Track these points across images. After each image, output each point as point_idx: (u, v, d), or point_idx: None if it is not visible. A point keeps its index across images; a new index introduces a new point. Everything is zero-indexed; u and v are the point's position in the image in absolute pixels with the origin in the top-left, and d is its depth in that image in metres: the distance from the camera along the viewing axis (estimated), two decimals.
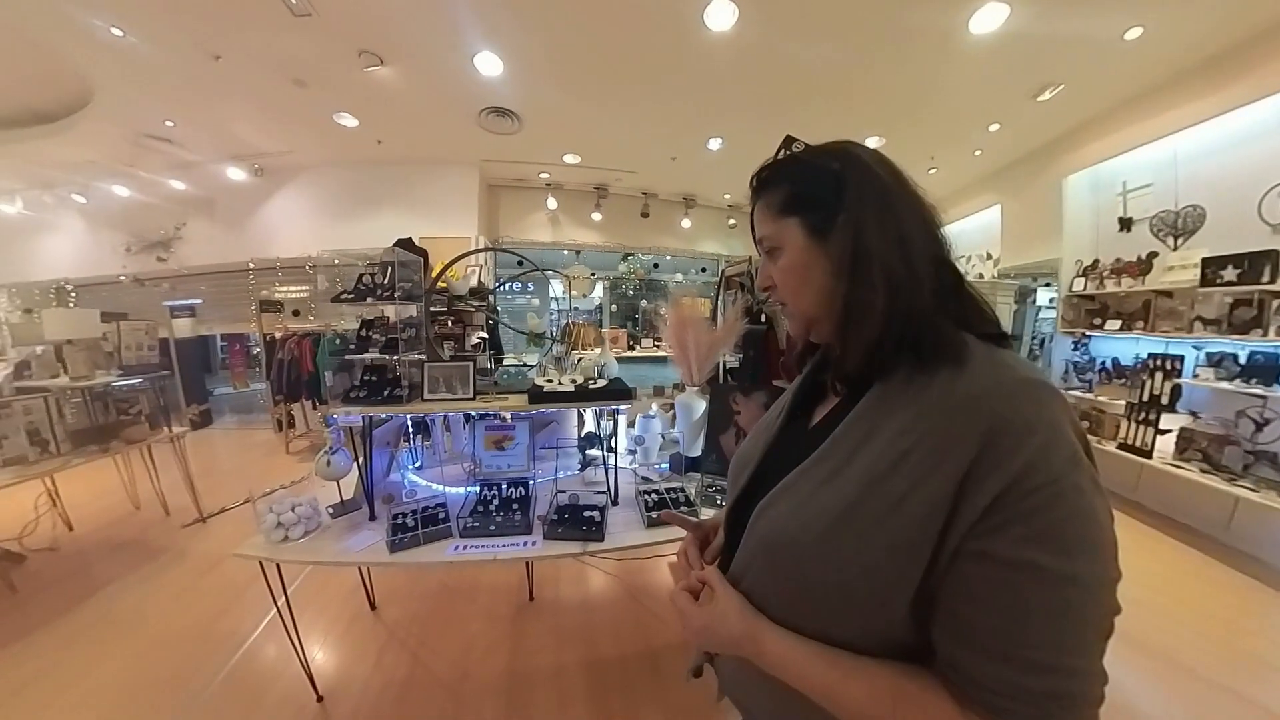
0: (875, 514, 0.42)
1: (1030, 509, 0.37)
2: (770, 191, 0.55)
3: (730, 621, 0.50)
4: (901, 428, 0.44)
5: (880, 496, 0.42)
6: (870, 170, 0.50)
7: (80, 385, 2.69)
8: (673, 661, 1.86)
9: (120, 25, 2.84)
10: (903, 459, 0.42)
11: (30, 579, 2.46)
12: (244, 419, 6.18)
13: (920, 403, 0.43)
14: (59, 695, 1.73)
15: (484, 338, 2.99)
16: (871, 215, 0.48)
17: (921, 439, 0.42)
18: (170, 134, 4.28)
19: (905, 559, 0.41)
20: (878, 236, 0.47)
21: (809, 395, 0.63)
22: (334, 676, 1.80)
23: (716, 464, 1.99)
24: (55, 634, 2.06)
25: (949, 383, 0.43)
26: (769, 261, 0.56)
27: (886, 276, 0.46)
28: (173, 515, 3.20)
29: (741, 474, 0.63)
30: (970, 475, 0.39)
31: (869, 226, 0.47)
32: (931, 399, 0.43)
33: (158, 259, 5.69)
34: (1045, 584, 0.37)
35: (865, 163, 0.51)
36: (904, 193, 0.50)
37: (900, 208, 0.49)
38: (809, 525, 0.46)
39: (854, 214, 0.48)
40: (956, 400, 0.42)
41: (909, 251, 0.47)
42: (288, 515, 1.57)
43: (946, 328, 0.45)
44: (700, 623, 0.52)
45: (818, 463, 0.49)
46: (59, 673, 1.83)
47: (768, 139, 0.62)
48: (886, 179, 0.50)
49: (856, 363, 0.48)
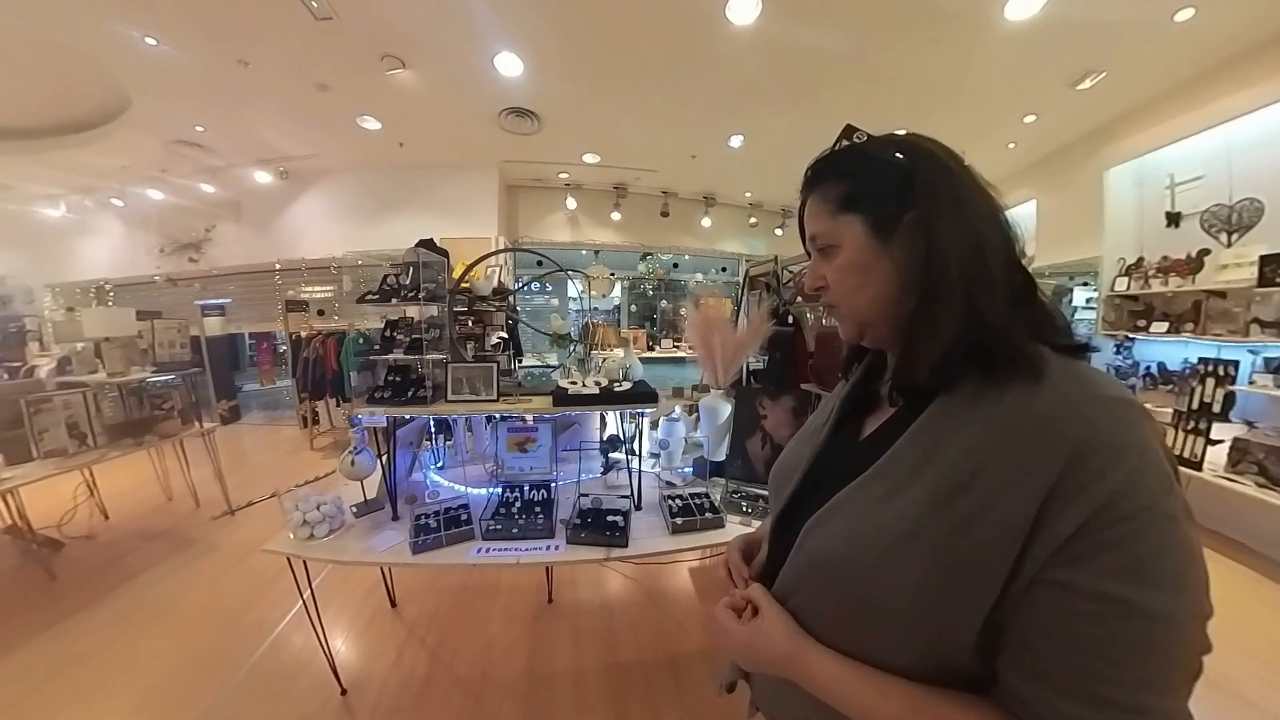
0: (941, 537, 0.39)
1: (1118, 538, 0.34)
2: (827, 185, 0.51)
3: (775, 641, 0.48)
4: (970, 446, 0.40)
5: (947, 518, 0.40)
6: (941, 165, 0.47)
7: (117, 381, 2.80)
8: (694, 669, 1.82)
9: (153, 35, 2.93)
10: (972, 480, 0.39)
11: (68, 566, 2.57)
12: (271, 415, 6.37)
13: (991, 420, 0.40)
14: (97, 679, 1.79)
15: (504, 338, 2.99)
16: (945, 215, 0.44)
17: (993, 459, 0.39)
18: (200, 139, 4.42)
19: (974, 586, 0.38)
20: (953, 238, 0.44)
21: (857, 404, 0.60)
22: (356, 671, 1.82)
23: (742, 469, 1.94)
24: (92, 619, 2.14)
25: (1024, 399, 0.40)
26: (821, 260, 0.53)
27: (963, 282, 0.43)
28: (203, 507, 3.30)
29: (785, 486, 0.60)
30: (1051, 500, 0.36)
31: (943, 227, 0.44)
32: (1004, 416, 0.40)
33: (189, 260, 5.90)
34: (1132, 619, 0.34)
35: (935, 156, 0.47)
36: (976, 189, 0.47)
37: (973, 206, 0.46)
38: (866, 545, 0.43)
39: (925, 213, 0.45)
40: (1034, 419, 0.39)
41: (984, 254, 0.44)
42: (313, 513, 1.58)
43: (1021, 338, 0.42)
44: (742, 640, 0.50)
45: (875, 479, 0.46)
46: (96, 657, 1.90)
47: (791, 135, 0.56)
48: (958, 174, 0.47)
49: (924, 374, 0.45)
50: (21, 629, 2.04)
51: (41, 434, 2.37)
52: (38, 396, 2.40)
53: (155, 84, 3.50)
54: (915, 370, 0.46)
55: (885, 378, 0.56)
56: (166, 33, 2.93)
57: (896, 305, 0.48)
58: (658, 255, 6.51)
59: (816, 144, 0.56)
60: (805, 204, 0.54)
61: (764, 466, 1.91)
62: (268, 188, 5.39)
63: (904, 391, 0.51)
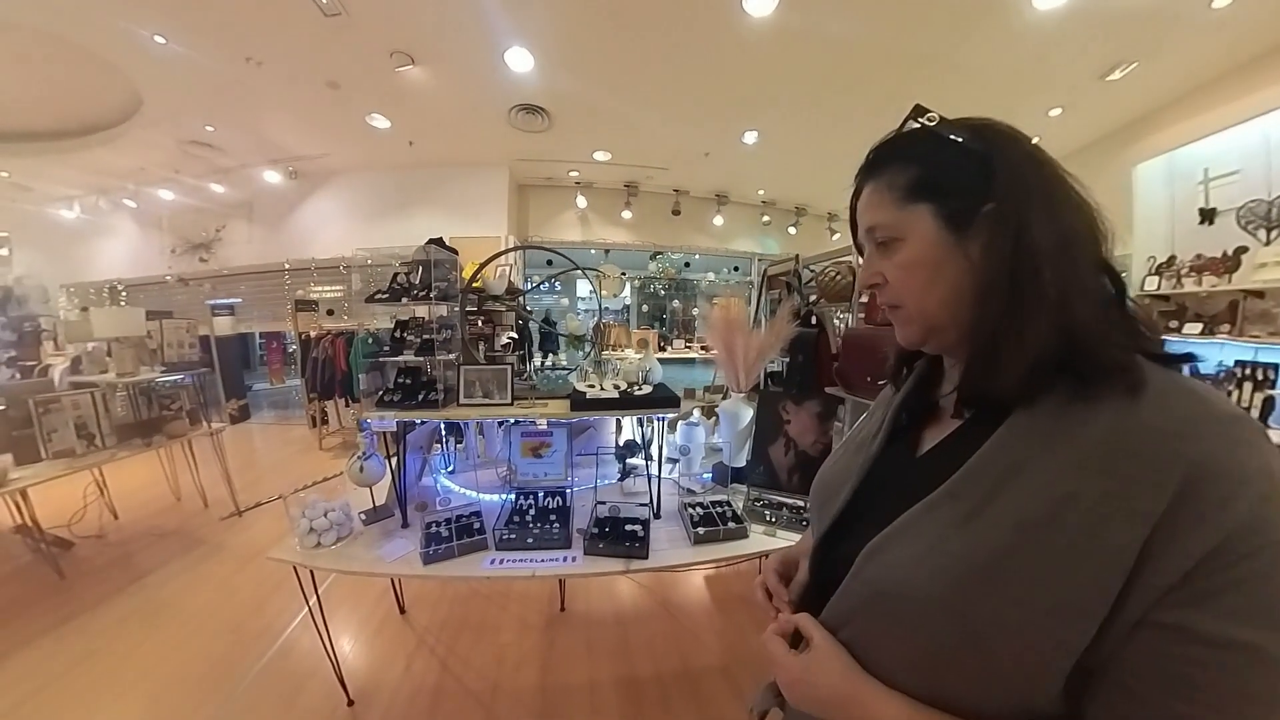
0: (1031, 570, 0.35)
1: (1246, 577, 0.31)
2: (891, 172, 0.46)
3: (832, 678, 0.43)
4: (1061, 466, 0.36)
5: (1037, 549, 0.35)
6: (1026, 151, 0.43)
7: (126, 381, 2.77)
8: (713, 684, 1.74)
9: (162, 33, 2.89)
10: (1065, 506, 0.35)
11: (77, 564, 2.56)
12: (281, 414, 6.38)
13: (1083, 437, 0.36)
14: (105, 678, 1.77)
15: (514, 338, 2.92)
16: (1036, 206, 0.40)
17: (1090, 482, 0.35)
18: (211, 139, 4.40)
19: (1069, 625, 0.34)
20: (1044, 233, 0.39)
21: (911, 415, 0.55)
22: (364, 681, 1.75)
23: (764, 476, 1.86)
24: (101, 618, 2.12)
25: (1123, 414, 0.35)
26: (879, 255, 0.48)
27: (1056, 283, 0.39)
28: (211, 508, 3.27)
29: (831, 503, 0.54)
30: (1161, 531, 0.32)
31: (1032, 220, 0.40)
32: (1099, 433, 0.36)
33: (200, 260, 5.91)
34: (1262, 668, 0.30)
35: (1018, 141, 0.43)
36: (1061, 179, 0.42)
37: (1063, 198, 0.41)
38: (940, 576, 0.38)
39: (1011, 204, 0.40)
40: (1138, 436, 0.34)
41: (1077, 252, 0.40)
42: (320, 520, 1.52)
43: (1116, 346, 0.38)
44: (795, 675, 0.45)
45: (947, 500, 0.41)
46: (105, 656, 1.88)
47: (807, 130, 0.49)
48: (1044, 162, 0.43)
49: (1009, 386, 0.40)
50: (31, 627, 2.03)
51: (50, 434, 2.35)
52: (46, 397, 2.37)
53: (166, 83, 3.48)
54: (996, 381, 0.40)
55: (946, 388, 0.51)
56: (176, 31, 2.90)
57: (970, 307, 0.43)
58: (668, 255, 6.42)
59: (834, 139, 0.49)
60: (861, 192, 0.49)
61: (788, 473, 1.84)
62: (278, 188, 5.37)
63: (972, 403, 0.46)
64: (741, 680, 1.75)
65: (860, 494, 0.53)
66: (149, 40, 2.94)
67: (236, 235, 5.79)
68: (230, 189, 5.33)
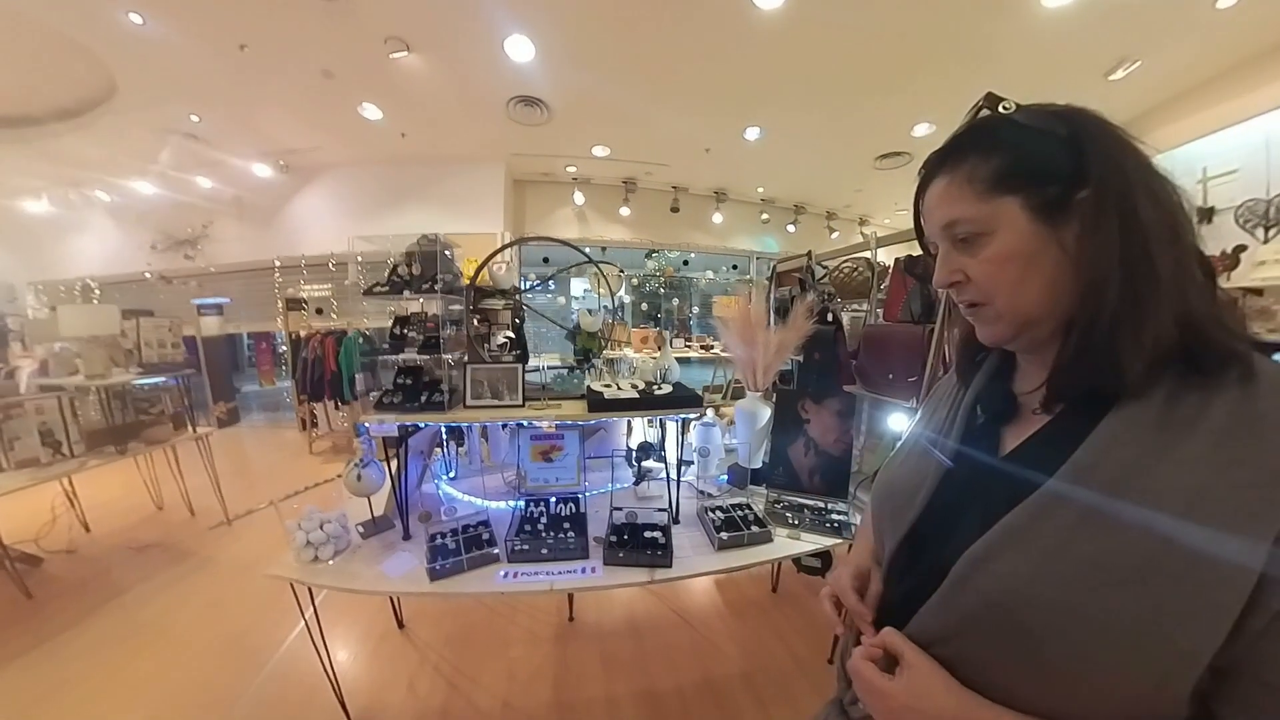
0: (1172, 569, 0.33)
1: None
2: (971, 163, 0.44)
3: (938, 700, 0.40)
4: (1186, 459, 0.35)
5: (1169, 549, 0.34)
6: (1117, 135, 0.42)
7: (96, 384, 2.56)
8: (737, 696, 1.65)
9: (138, 11, 2.69)
10: (1195, 501, 0.34)
11: (47, 583, 2.36)
12: (272, 417, 6.18)
13: (1205, 428, 0.35)
14: (82, 708, 1.61)
15: (510, 338, 2.80)
16: (1138, 190, 0.39)
17: (1219, 475, 0.34)
18: (196, 130, 4.17)
19: (1207, 626, 0.32)
20: (1153, 217, 0.38)
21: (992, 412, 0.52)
22: (366, 702, 1.63)
23: (784, 477, 1.80)
24: (76, 642, 1.94)
25: (1244, 402, 0.35)
26: (959, 252, 0.46)
27: (1171, 268, 0.38)
28: (198, 516, 3.09)
29: (905, 509, 0.52)
30: None
31: (1138, 205, 0.39)
32: (1222, 422, 0.35)
33: (184, 256, 5.61)
34: None
35: (1107, 125, 0.42)
36: (1154, 165, 0.41)
37: (1160, 183, 0.40)
38: (1072, 584, 0.36)
39: (1111, 189, 0.39)
40: (1265, 424, 0.34)
41: (1184, 237, 0.39)
42: (317, 534, 1.41)
43: (1226, 331, 0.38)
44: (901, 701, 0.41)
45: (1057, 501, 0.38)
46: (80, 684, 1.71)
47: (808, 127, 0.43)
48: (1135, 147, 0.41)
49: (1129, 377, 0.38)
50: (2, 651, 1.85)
51: (13, 442, 2.16)
52: (7, 401, 2.18)
53: (144, 68, 3.26)
54: (1111, 374, 0.39)
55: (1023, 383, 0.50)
56: (154, 9, 2.70)
57: (1067, 298, 0.42)
58: (665, 253, 6.33)
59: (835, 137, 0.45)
60: (930, 186, 0.48)
61: (809, 474, 1.77)
62: (267, 181, 5.13)
63: (1068, 397, 0.44)
64: (764, 689, 1.67)
65: (939, 498, 0.50)
66: (123, 19, 2.73)
67: (225, 231, 5.50)
68: (217, 183, 5.06)
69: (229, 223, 5.50)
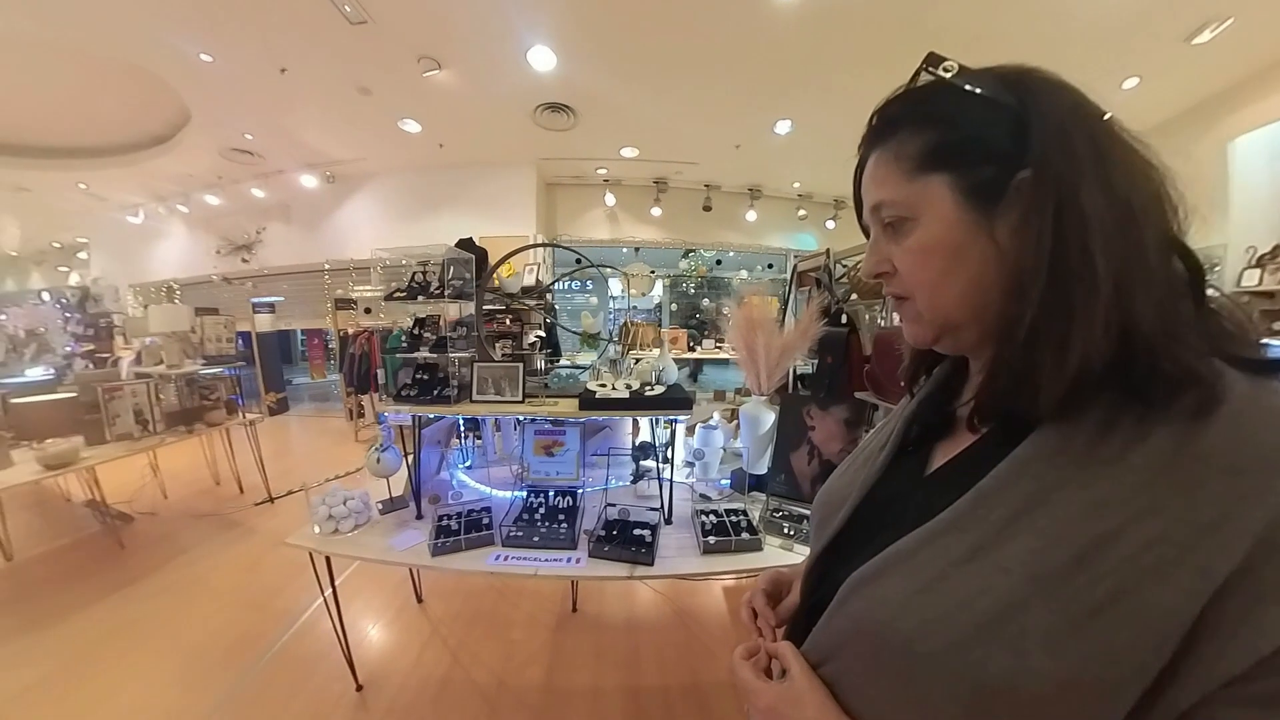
0: (1048, 629, 0.29)
1: None
2: (900, 137, 0.39)
3: (805, 713, 0.39)
4: (1098, 500, 0.30)
5: (1058, 602, 0.29)
6: (1070, 104, 0.35)
7: (173, 372, 3.08)
8: (723, 701, 1.70)
9: (206, 51, 3.20)
10: (1099, 550, 0.29)
11: (135, 537, 2.91)
12: (320, 407, 6.82)
13: (1133, 464, 0.30)
14: (145, 642, 2.01)
15: (541, 336, 2.98)
16: (1086, 174, 0.33)
17: (1135, 523, 0.28)
18: (250, 146, 4.81)
19: (1091, 704, 0.28)
20: (1096, 207, 0.32)
21: (927, 426, 0.48)
22: (376, 667, 1.85)
23: (785, 485, 1.80)
24: (149, 587, 2.40)
25: (1186, 437, 0.29)
26: (887, 238, 0.41)
27: (1111, 271, 0.31)
28: (245, 493, 3.56)
29: (831, 519, 0.50)
30: (1230, 597, 0.26)
31: (1083, 191, 0.32)
32: (1152, 460, 0.30)
33: (242, 260, 6.44)
34: None
35: (1061, 93, 0.36)
36: (1117, 139, 0.35)
37: (1120, 162, 0.34)
38: (936, 623, 0.33)
39: (1052, 171, 0.33)
40: (1205, 467, 0.28)
41: (1139, 231, 0.32)
42: (339, 508, 1.61)
43: (1184, 348, 0.31)
44: (766, 702, 0.41)
45: (950, 530, 0.35)
46: (147, 623, 2.13)
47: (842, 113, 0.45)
48: (1094, 118, 0.35)
49: (1048, 399, 0.33)
50: (94, 590, 2.34)
51: (114, 419, 2.64)
52: (110, 385, 2.68)
53: (209, 95, 3.83)
54: (1028, 393, 0.34)
55: (967, 395, 0.45)
56: (217, 46, 3.17)
57: (997, 300, 0.37)
58: (700, 252, 6.36)
59: None
60: (866, 164, 0.43)
61: (810, 484, 1.77)
62: (315, 191, 5.76)
63: (991, 417, 0.39)
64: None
65: (860, 513, 0.48)
66: (195, 58, 3.25)
67: (276, 236, 6.27)
68: (269, 193, 5.76)
69: (280, 228, 6.24)
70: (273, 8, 2.80)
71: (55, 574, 2.52)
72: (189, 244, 6.77)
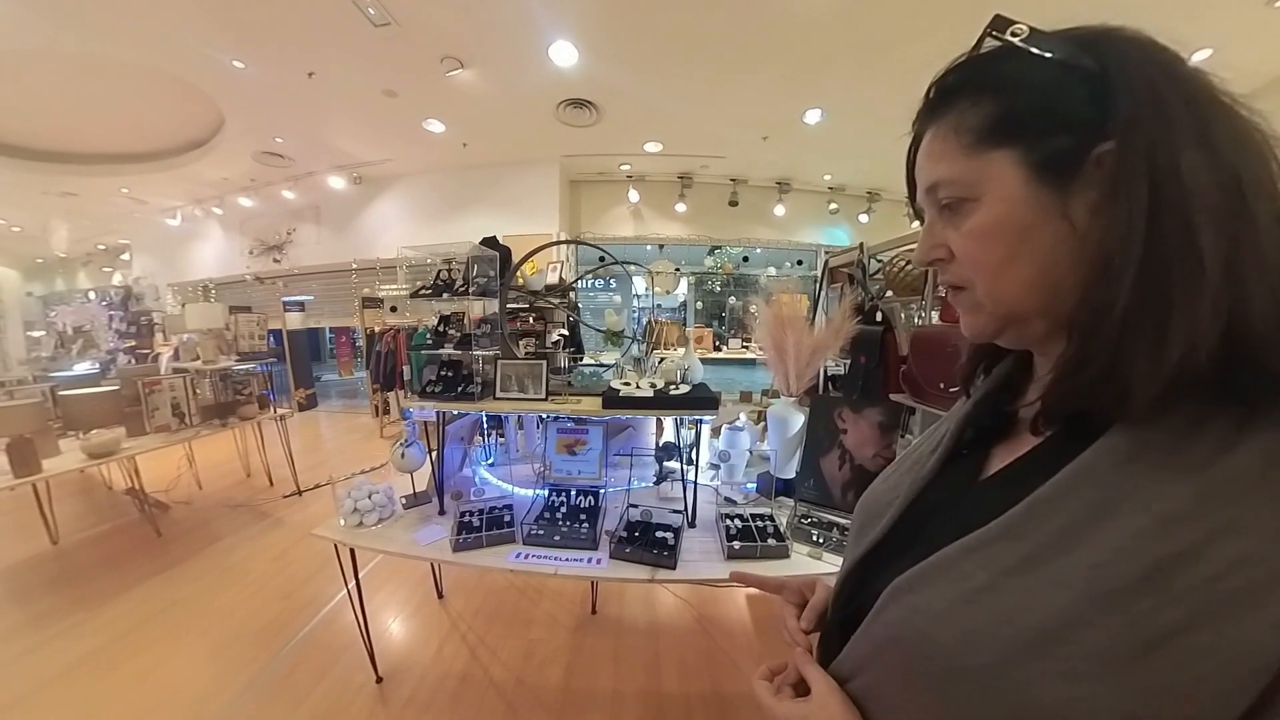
0: (1107, 653, 0.26)
1: None
2: (960, 108, 0.36)
3: None
4: (1176, 513, 0.27)
5: (1121, 625, 0.27)
6: (1162, 63, 0.31)
7: (209, 368, 3.30)
8: (744, 713, 1.68)
9: (238, 58, 3.38)
10: (1173, 569, 0.26)
11: (171, 525, 3.10)
12: (348, 403, 7.10)
13: (1217, 474, 0.27)
14: (181, 626, 2.15)
15: (565, 334, 3.03)
16: (1184, 140, 0.29)
17: (1218, 541, 0.26)
18: (280, 149, 5.07)
19: None
20: (1201, 177, 0.28)
21: (982, 428, 0.46)
22: (396, 660, 1.92)
23: (814, 490, 1.78)
24: (185, 573, 2.57)
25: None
26: (943, 222, 0.38)
27: (1222, 249, 0.28)
28: (275, 486, 3.75)
29: (871, 524, 0.48)
30: None
31: (1181, 160, 0.29)
32: (1241, 470, 0.27)
33: (274, 260, 6.77)
34: None
35: (1149, 51, 0.32)
36: (1219, 102, 0.31)
37: (1223, 127, 0.30)
38: (979, 636, 0.31)
39: (1142, 140, 0.30)
40: None
41: (1252, 203, 0.28)
42: (364, 502, 1.68)
43: None
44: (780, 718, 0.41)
45: (1003, 538, 0.33)
46: (183, 607, 2.28)
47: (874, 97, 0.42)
48: (1189, 76, 0.31)
49: (1139, 399, 0.29)
50: (134, 574, 2.52)
51: (153, 412, 2.83)
52: (150, 379, 2.88)
53: (239, 101, 4.05)
54: (1117, 390, 0.30)
55: (1032, 394, 0.42)
56: (247, 53, 3.35)
57: (1071, 288, 0.33)
58: (727, 249, 6.31)
59: (907, 105, 0.41)
60: (921, 141, 0.40)
61: (841, 489, 1.74)
62: (343, 192, 6.02)
63: (1062, 416, 0.36)
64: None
65: (906, 519, 0.45)
66: (229, 65, 3.44)
67: (306, 237, 6.57)
68: (299, 195, 6.05)
69: (311, 229, 6.53)
70: (298, 13, 2.93)
71: (98, 558, 2.71)
72: (224, 245, 7.17)
